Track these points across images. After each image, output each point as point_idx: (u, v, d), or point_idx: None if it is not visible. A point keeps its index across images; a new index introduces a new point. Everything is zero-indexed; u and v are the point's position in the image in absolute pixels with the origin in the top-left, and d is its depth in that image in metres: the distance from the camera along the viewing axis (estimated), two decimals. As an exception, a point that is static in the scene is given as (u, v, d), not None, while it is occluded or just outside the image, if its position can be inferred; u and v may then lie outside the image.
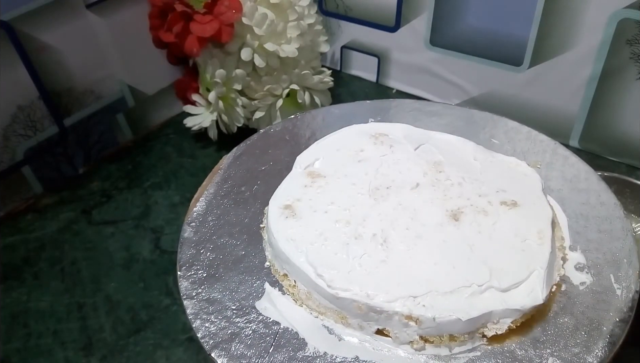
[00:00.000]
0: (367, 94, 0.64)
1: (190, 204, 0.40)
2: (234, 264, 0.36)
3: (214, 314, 0.33)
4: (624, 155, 0.51)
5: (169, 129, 0.60)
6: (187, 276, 0.35)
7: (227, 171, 0.42)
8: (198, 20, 0.50)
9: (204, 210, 0.39)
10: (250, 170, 0.43)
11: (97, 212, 0.50)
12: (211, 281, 0.35)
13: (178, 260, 0.36)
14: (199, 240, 0.37)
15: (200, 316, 0.33)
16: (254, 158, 0.44)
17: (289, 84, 0.53)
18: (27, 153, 0.49)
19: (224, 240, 0.37)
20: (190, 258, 0.36)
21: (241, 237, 0.38)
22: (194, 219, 0.39)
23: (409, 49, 0.61)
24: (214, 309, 0.33)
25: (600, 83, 0.49)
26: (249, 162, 0.43)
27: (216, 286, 0.34)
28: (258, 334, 0.32)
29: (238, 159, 0.43)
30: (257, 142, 0.45)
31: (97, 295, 0.42)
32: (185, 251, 0.36)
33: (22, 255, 0.46)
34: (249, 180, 0.42)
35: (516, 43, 0.52)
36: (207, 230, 0.38)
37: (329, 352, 0.31)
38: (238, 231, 0.38)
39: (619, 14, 0.45)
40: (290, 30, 0.53)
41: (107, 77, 0.54)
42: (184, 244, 0.37)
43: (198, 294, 0.34)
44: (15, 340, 0.39)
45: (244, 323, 0.32)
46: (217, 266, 0.36)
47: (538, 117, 0.55)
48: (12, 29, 0.45)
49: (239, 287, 0.34)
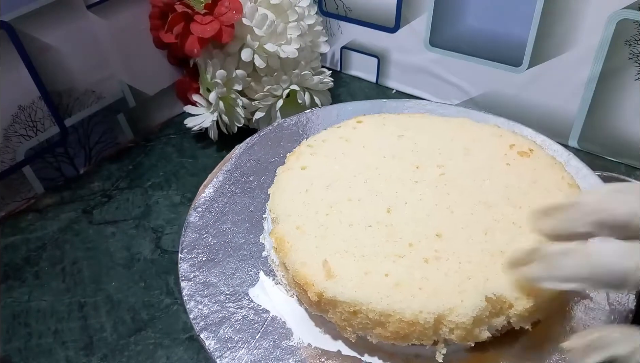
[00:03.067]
0: (367, 95, 0.65)
1: (199, 190, 0.41)
2: (234, 251, 0.37)
3: (208, 297, 0.34)
4: (623, 155, 0.51)
5: (170, 130, 0.60)
6: (187, 259, 0.36)
7: (238, 160, 0.43)
8: (198, 21, 0.50)
9: (211, 196, 0.40)
10: (260, 161, 0.44)
11: (97, 212, 0.50)
12: (210, 265, 0.36)
13: (181, 243, 0.37)
14: (203, 225, 0.38)
15: (194, 298, 0.34)
16: (265, 149, 0.45)
17: (289, 84, 0.54)
18: (28, 153, 0.49)
19: (226, 226, 0.38)
20: (192, 242, 0.37)
21: (243, 225, 0.39)
22: (200, 205, 0.40)
23: (408, 49, 0.61)
24: (209, 292, 0.34)
25: (600, 83, 0.49)
26: (260, 153, 0.44)
27: (214, 271, 0.35)
28: (247, 320, 0.32)
29: (250, 150, 0.44)
30: (270, 133, 0.46)
31: (98, 294, 0.42)
32: (189, 235, 0.38)
33: (23, 255, 0.46)
34: (258, 170, 0.43)
35: (515, 44, 0.52)
36: (211, 216, 0.39)
37: (313, 344, 0.31)
38: (241, 219, 0.39)
39: (618, 14, 0.45)
40: (291, 31, 0.53)
41: (108, 78, 0.54)
42: (188, 227, 0.38)
43: (196, 276, 0.35)
44: (16, 340, 0.39)
45: (235, 309, 0.33)
46: (217, 251, 0.37)
47: (537, 117, 0.55)
48: (12, 29, 0.45)
49: (235, 273, 0.35)
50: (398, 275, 0.30)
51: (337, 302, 0.29)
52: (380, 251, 0.31)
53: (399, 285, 0.29)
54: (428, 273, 0.30)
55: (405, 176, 0.36)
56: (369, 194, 0.35)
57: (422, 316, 0.28)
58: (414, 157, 0.38)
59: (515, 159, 0.37)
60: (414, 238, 0.32)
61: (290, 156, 0.40)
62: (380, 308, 0.28)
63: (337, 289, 0.29)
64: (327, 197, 0.35)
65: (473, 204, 0.34)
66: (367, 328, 0.29)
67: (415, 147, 0.39)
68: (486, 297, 0.28)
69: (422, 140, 0.40)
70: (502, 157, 0.38)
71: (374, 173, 0.37)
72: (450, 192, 0.35)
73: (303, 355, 0.31)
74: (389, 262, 0.30)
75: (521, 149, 0.38)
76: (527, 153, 0.38)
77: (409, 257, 0.31)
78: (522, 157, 0.37)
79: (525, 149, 0.38)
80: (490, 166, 0.37)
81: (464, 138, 0.40)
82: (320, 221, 0.33)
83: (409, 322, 0.28)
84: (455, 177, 0.36)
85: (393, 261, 0.30)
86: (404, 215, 0.33)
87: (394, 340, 0.29)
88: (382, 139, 0.40)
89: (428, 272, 0.30)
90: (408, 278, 0.29)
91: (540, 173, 0.36)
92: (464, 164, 0.37)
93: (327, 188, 0.36)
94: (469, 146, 0.39)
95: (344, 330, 0.30)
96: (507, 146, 0.38)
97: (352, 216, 0.34)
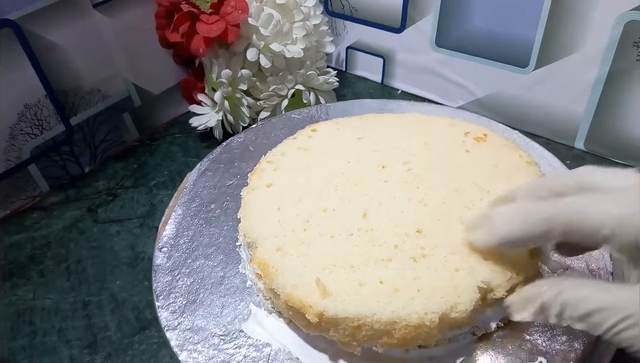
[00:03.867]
0: (372, 95, 0.64)
1: (159, 229, 0.38)
2: (214, 287, 0.34)
3: (200, 343, 0.31)
4: (630, 157, 0.51)
5: (175, 129, 0.60)
6: (165, 306, 0.33)
7: (194, 189, 0.41)
8: (204, 21, 0.50)
9: (174, 233, 0.38)
10: (217, 186, 0.41)
11: (102, 211, 0.50)
12: (192, 307, 0.33)
13: (154, 290, 0.34)
14: (173, 265, 0.35)
15: (186, 347, 0.31)
16: (219, 172, 0.42)
17: (294, 84, 0.54)
18: (33, 151, 0.49)
19: (199, 262, 0.36)
20: (166, 286, 0.34)
21: (217, 258, 0.36)
22: (164, 244, 0.37)
23: (414, 50, 0.61)
24: (199, 337, 0.31)
25: (607, 85, 0.49)
26: (215, 178, 0.42)
27: (198, 313, 0.33)
28: (250, 359, 0.30)
29: (203, 176, 0.42)
30: (220, 156, 0.44)
31: (102, 293, 0.42)
32: (161, 279, 0.34)
33: (28, 253, 0.46)
34: (217, 197, 0.40)
35: (522, 45, 0.52)
36: (180, 254, 0.36)
37: None
38: (213, 251, 0.36)
39: (626, 16, 0.45)
40: (296, 31, 0.53)
41: (114, 77, 0.54)
42: (157, 271, 0.35)
43: (180, 323, 0.32)
44: (21, 338, 0.39)
45: (234, 349, 0.31)
46: (196, 291, 0.34)
47: (543, 119, 0.54)
48: (19, 28, 0.45)
49: (223, 311, 0.33)
50: (392, 280, 0.29)
51: (339, 320, 0.28)
52: (368, 258, 0.30)
53: (397, 290, 0.29)
54: (419, 272, 0.30)
55: (374, 177, 0.36)
56: (341, 201, 0.34)
57: (427, 318, 0.27)
58: (377, 157, 0.38)
59: (473, 145, 0.38)
60: (397, 238, 0.32)
61: (251, 176, 0.38)
62: (386, 317, 0.28)
63: (337, 306, 0.28)
64: (301, 212, 0.34)
65: (444, 194, 0.34)
66: (373, 339, 0.28)
67: (377, 147, 0.39)
68: (478, 287, 0.29)
69: (381, 139, 0.40)
70: (460, 145, 0.39)
71: (342, 179, 0.36)
72: (420, 186, 0.35)
73: None
74: (379, 268, 0.30)
75: (476, 135, 0.39)
76: (482, 138, 0.39)
77: (397, 259, 0.30)
78: (478, 142, 0.39)
79: (480, 134, 0.39)
80: (452, 155, 0.38)
81: (421, 132, 0.40)
82: (300, 238, 0.32)
83: (415, 325, 0.27)
84: (422, 171, 0.36)
85: (384, 266, 0.30)
86: (381, 217, 0.33)
87: (400, 346, 0.28)
88: (341, 144, 0.40)
89: (419, 271, 0.30)
90: (402, 281, 0.29)
91: (499, 156, 0.37)
92: (427, 157, 0.38)
93: (299, 202, 0.35)
94: (427, 139, 0.39)
95: (347, 346, 0.29)
96: (463, 133, 0.39)
97: (330, 227, 0.33)
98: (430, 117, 0.42)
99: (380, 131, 0.41)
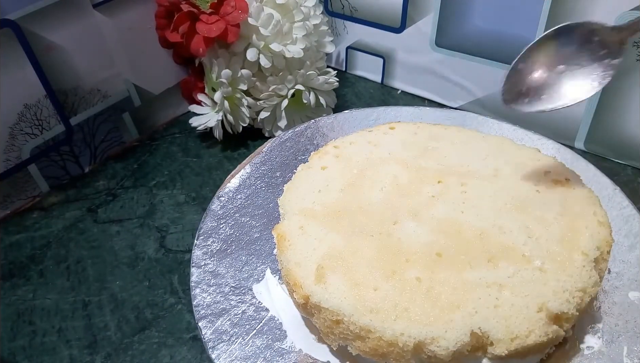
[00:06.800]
0: (372, 95, 0.64)
1: (226, 179, 0.41)
2: (247, 244, 0.37)
3: (214, 287, 0.34)
4: (630, 157, 0.51)
5: (175, 129, 0.60)
6: (201, 246, 0.36)
7: (269, 154, 0.43)
8: (204, 21, 0.50)
9: (236, 187, 0.41)
10: (290, 157, 0.44)
11: (102, 211, 0.50)
12: (221, 256, 0.36)
13: (198, 229, 0.37)
14: (223, 214, 0.39)
15: (200, 285, 0.34)
16: (297, 145, 0.45)
17: (294, 84, 0.54)
18: (33, 151, 0.49)
19: (245, 219, 0.39)
20: (209, 230, 0.38)
21: (261, 220, 0.39)
22: (223, 194, 0.40)
23: (414, 50, 0.61)
24: (215, 282, 0.35)
25: (607, 85, 0.49)
26: (291, 149, 0.44)
27: (224, 262, 0.36)
28: (246, 316, 0.33)
29: (282, 145, 0.44)
30: (305, 130, 0.46)
31: (102, 293, 0.42)
32: (207, 223, 0.38)
33: (28, 253, 0.46)
34: (285, 166, 0.43)
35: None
36: (232, 206, 0.39)
37: (304, 350, 0.31)
38: (261, 213, 0.39)
39: (626, 16, 0.45)
40: (296, 31, 0.53)
41: (114, 77, 0.54)
42: (207, 215, 0.38)
43: (206, 265, 0.35)
44: (20, 338, 0.39)
45: (237, 302, 0.34)
46: (230, 243, 0.37)
47: (544, 119, 0.54)
48: (19, 28, 0.45)
49: (244, 267, 0.36)
50: (386, 292, 0.29)
51: (322, 308, 0.28)
52: (376, 263, 0.30)
53: (385, 301, 0.28)
54: (417, 295, 0.28)
55: (424, 189, 0.35)
56: (380, 203, 0.34)
57: (402, 339, 0.27)
58: (438, 170, 0.36)
59: (548, 186, 0.34)
60: (412, 254, 0.30)
61: (313, 155, 0.39)
62: (362, 322, 0.27)
63: (323, 295, 0.28)
64: (338, 201, 0.34)
65: (485, 227, 0.32)
66: (348, 339, 0.28)
67: (444, 160, 0.37)
68: (472, 332, 0.27)
69: (452, 154, 0.38)
70: (534, 182, 0.35)
71: (392, 182, 0.36)
72: (465, 211, 0.33)
73: (292, 359, 0.30)
74: (380, 277, 0.29)
75: (557, 178, 0.35)
76: (561, 181, 0.35)
77: (402, 274, 0.29)
78: (555, 185, 0.34)
79: (562, 178, 0.35)
80: (517, 191, 0.34)
81: (498, 159, 0.37)
82: (324, 224, 0.33)
83: (388, 341, 0.27)
84: (475, 197, 0.34)
85: (386, 276, 0.29)
86: (408, 230, 0.32)
87: (372, 357, 0.28)
88: (410, 148, 0.39)
89: (417, 293, 0.28)
90: (396, 297, 0.28)
91: (571, 206, 0.33)
92: (489, 185, 0.35)
93: (341, 191, 0.35)
94: (500, 167, 0.36)
95: (326, 337, 0.29)
96: (542, 172, 0.35)
97: (356, 223, 0.33)
98: (517, 146, 0.39)
99: (455, 146, 0.39)
